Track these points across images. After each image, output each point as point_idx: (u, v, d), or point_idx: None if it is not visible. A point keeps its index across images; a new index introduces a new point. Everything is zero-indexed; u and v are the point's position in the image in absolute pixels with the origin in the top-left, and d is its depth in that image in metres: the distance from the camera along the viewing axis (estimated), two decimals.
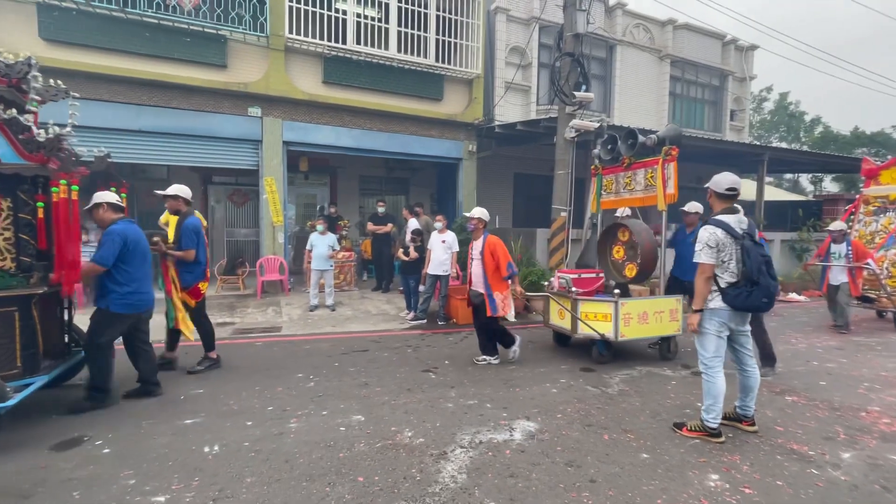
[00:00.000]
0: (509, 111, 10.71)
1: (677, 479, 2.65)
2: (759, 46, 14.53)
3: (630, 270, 5.44)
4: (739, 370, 3.31)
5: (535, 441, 3.08)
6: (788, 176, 27.41)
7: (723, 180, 3.21)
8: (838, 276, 6.60)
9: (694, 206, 5.86)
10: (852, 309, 6.91)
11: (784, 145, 25.73)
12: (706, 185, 3.32)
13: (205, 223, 6.96)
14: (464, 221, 9.19)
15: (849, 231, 7.27)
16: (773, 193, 18.47)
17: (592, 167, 6.09)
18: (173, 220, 6.77)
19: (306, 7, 8.01)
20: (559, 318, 5.18)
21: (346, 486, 2.49)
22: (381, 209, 9.03)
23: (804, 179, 28.19)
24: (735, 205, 3.25)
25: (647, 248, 5.08)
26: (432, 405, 3.66)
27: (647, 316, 4.73)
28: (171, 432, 3.10)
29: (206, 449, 2.88)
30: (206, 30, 7.41)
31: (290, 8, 7.88)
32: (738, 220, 3.12)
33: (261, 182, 8.21)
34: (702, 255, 3.11)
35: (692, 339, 3.51)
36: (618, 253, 5.68)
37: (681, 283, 5.48)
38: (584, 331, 4.76)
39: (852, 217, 8.03)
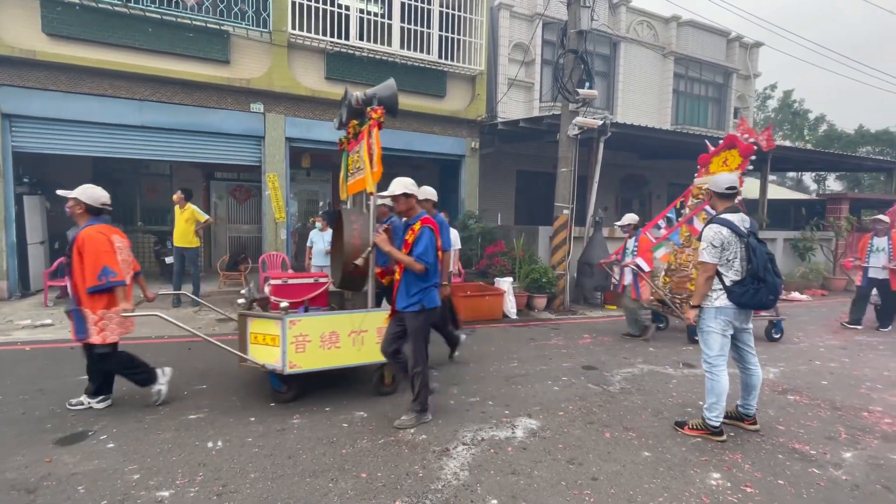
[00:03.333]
0: (512, 108, 10.68)
1: (679, 477, 2.66)
2: (763, 44, 14.45)
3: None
4: (742, 368, 3.31)
5: (536, 438, 3.09)
6: (791, 174, 27.32)
7: (721, 180, 3.22)
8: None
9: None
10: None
11: (788, 143, 25.61)
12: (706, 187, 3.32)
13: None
14: (466, 217, 9.21)
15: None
16: (775, 192, 18.40)
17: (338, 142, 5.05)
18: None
19: (309, 3, 7.98)
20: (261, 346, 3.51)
21: (348, 482, 2.50)
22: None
23: (807, 178, 28.08)
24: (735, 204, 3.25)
25: (356, 245, 3.75)
26: (434, 402, 3.65)
27: (337, 338, 3.53)
28: (174, 427, 3.11)
29: (210, 444, 2.89)
30: (208, 25, 7.40)
31: (293, 3, 7.86)
32: (741, 219, 3.13)
33: (263, 178, 8.21)
34: (705, 254, 3.11)
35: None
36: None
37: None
38: (255, 358, 3.48)
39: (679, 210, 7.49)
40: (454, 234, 6.67)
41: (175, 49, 7.32)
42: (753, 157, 5.73)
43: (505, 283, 7.31)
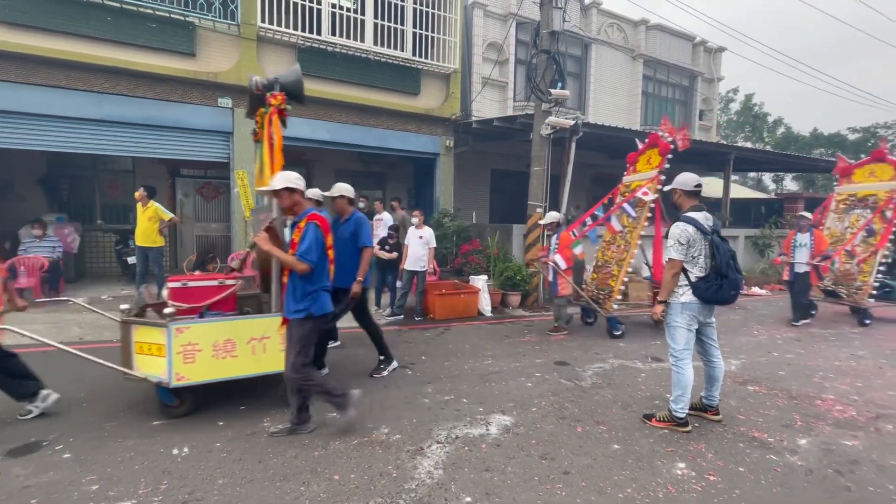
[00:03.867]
0: (486, 107, 10.74)
1: (647, 468, 2.74)
2: (726, 49, 15.02)
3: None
4: (706, 361, 3.44)
5: (510, 435, 3.12)
6: (752, 174, 28.55)
7: (690, 179, 3.33)
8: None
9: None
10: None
11: (749, 145, 26.75)
12: (671, 187, 3.43)
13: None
14: (441, 216, 9.19)
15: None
16: (738, 191, 19.20)
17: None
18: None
19: None
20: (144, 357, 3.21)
21: (321, 485, 2.47)
22: (361, 205, 8.92)
23: (767, 178, 29.40)
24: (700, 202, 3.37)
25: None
26: (409, 401, 3.66)
27: (233, 346, 3.26)
28: (137, 435, 2.99)
29: (175, 451, 2.79)
30: (172, 16, 7.11)
31: None
32: (705, 217, 3.24)
33: (232, 175, 7.96)
34: (671, 251, 3.21)
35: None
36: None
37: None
38: (142, 369, 3.19)
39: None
40: (429, 233, 6.66)
41: (136, 40, 7.01)
42: (670, 156, 5.94)
43: (480, 281, 7.36)
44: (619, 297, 6.15)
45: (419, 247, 6.50)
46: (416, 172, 11.80)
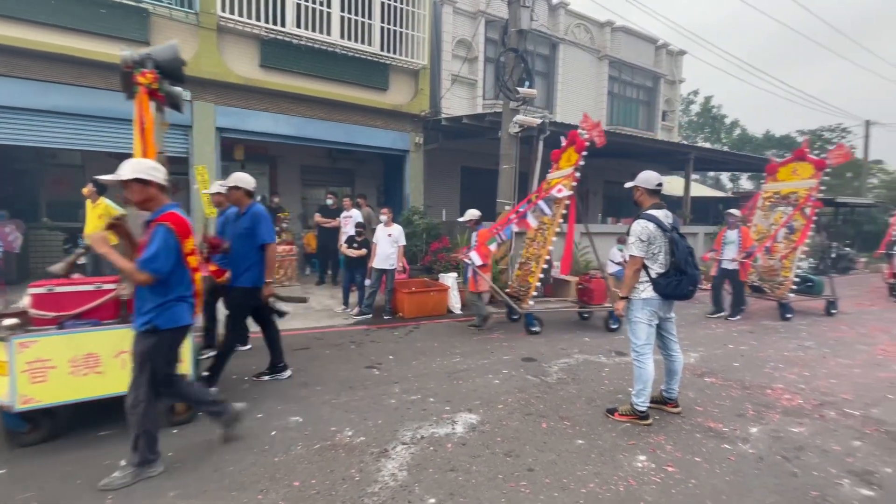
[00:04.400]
0: (456, 104, 10.72)
1: (609, 462, 2.79)
2: (686, 52, 15.56)
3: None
4: (665, 355, 3.54)
5: (476, 433, 3.12)
6: (711, 174, 29.80)
7: (652, 177, 3.40)
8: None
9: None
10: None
11: (708, 145, 27.87)
12: (632, 184, 3.50)
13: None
14: (411, 213, 9.13)
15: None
16: (698, 190, 19.97)
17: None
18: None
19: None
20: None
21: (280, 492, 2.38)
22: (329, 201, 8.74)
23: (724, 177, 30.75)
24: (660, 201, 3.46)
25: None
26: (375, 402, 3.60)
27: (97, 361, 2.86)
28: (80, 446, 2.81)
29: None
30: (124, 1, 6.72)
31: None
32: (665, 215, 3.32)
33: (191, 171, 7.63)
34: (633, 248, 3.28)
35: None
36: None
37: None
38: None
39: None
40: (398, 230, 6.59)
41: (84, 26, 6.59)
42: (585, 153, 6.06)
43: (449, 279, 7.35)
44: (535, 293, 6.15)
45: (388, 245, 6.42)
46: (385, 169, 11.67)
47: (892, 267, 9.23)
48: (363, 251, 6.56)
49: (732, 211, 7.36)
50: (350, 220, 7.42)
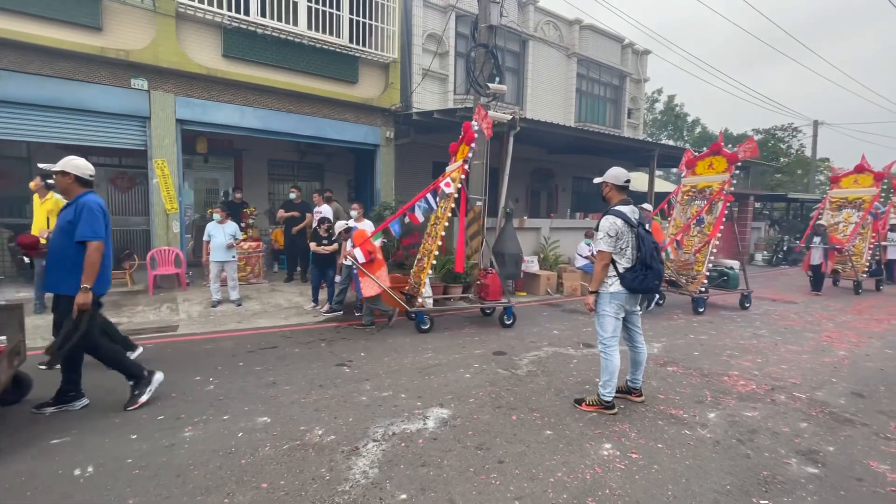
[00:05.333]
0: (427, 98, 10.66)
1: (576, 451, 2.87)
2: (651, 51, 16.01)
3: None
4: (631, 347, 3.65)
5: (447, 428, 3.14)
6: (675, 170, 30.88)
7: (621, 174, 3.50)
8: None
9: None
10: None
11: (671, 142, 28.86)
12: (601, 180, 3.59)
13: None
14: (382, 208, 9.04)
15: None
16: (661, 185, 20.66)
17: None
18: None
19: None
20: None
21: (247, 495, 2.33)
22: (293, 195, 8.55)
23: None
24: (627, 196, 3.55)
25: None
26: (345, 400, 3.56)
27: None
28: (31, 457, 2.65)
29: (77, 471, 2.51)
30: None
31: None
32: (631, 210, 3.42)
33: (150, 164, 7.30)
34: (601, 243, 3.36)
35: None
36: None
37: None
38: None
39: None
40: (369, 226, 6.52)
41: (28, 8, 6.17)
42: (473, 146, 5.87)
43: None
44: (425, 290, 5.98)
45: None
46: (355, 164, 11.51)
47: (810, 259, 9.59)
48: (334, 246, 6.46)
49: (643, 206, 7.00)
50: (319, 215, 7.28)
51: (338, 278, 6.58)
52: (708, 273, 7.42)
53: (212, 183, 10.84)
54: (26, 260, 6.98)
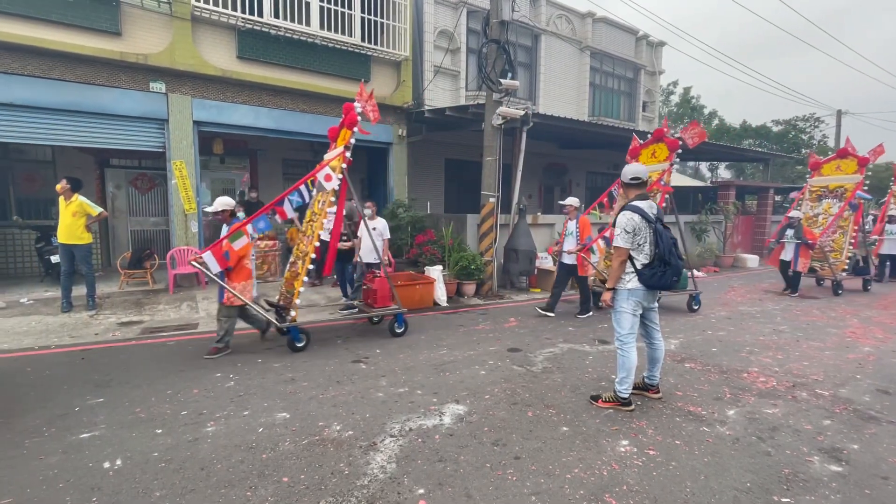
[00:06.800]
0: (439, 96, 10.66)
1: (593, 448, 2.86)
2: (666, 43, 15.72)
3: None
4: (648, 343, 3.62)
5: (463, 424, 3.16)
6: (691, 163, 30.33)
7: (627, 171, 3.47)
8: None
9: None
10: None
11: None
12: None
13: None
14: (395, 206, 9.08)
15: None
16: (677, 179, 20.33)
17: None
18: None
19: None
20: None
21: (268, 489, 2.39)
22: None
23: (703, 167, 31.35)
24: (645, 192, 3.51)
25: None
26: (362, 396, 3.61)
27: None
28: (61, 450, 2.76)
29: (107, 464, 2.60)
30: None
31: None
32: (649, 206, 3.38)
33: (169, 166, 7.46)
34: (619, 240, 3.33)
35: None
36: None
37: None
38: None
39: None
40: (382, 224, 6.56)
41: (51, 15, 6.33)
42: (356, 129, 5.01)
43: (435, 272, 7.36)
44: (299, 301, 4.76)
45: (373, 238, 6.38)
46: (368, 162, 11.56)
47: (779, 254, 8.62)
48: (350, 243, 6.54)
49: (570, 200, 6.59)
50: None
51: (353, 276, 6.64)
52: None
53: (228, 183, 11.02)
54: (53, 260, 7.22)
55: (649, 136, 7.31)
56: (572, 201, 6.58)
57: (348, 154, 4.95)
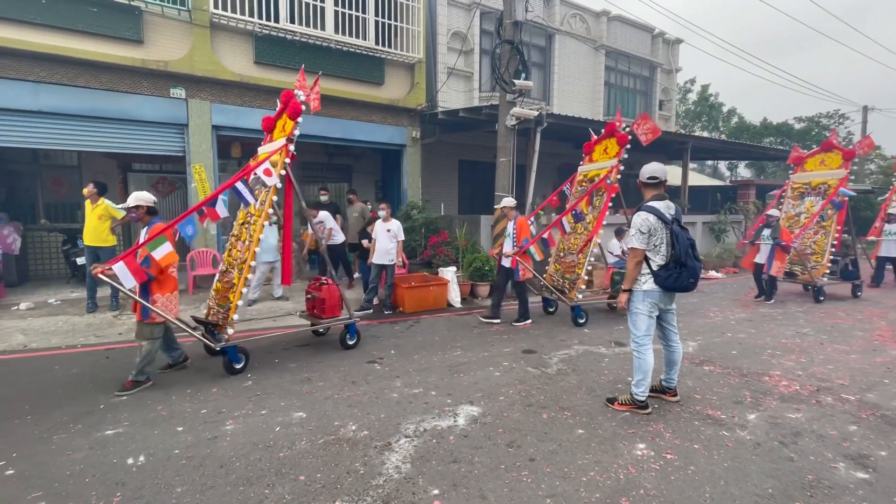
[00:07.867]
0: (452, 97, 10.68)
1: (609, 451, 2.83)
2: (683, 40, 15.48)
3: None
4: (665, 346, 3.57)
5: (478, 425, 3.16)
6: (709, 162, 29.77)
7: (644, 170, 3.41)
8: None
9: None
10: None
11: (705, 134, 27.81)
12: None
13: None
14: (409, 207, 9.13)
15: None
16: (695, 179, 19.98)
17: None
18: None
19: None
20: None
21: (286, 487, 2.42)
22: (323, 198, 8.73)
23: (722, 166, 30.71)
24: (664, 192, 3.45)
25: None
26: (377, 396, 3.64)
27: None
28: (88, 446, 2.84)
29: (130, 460, 2.67)
30: (116, 0, 6.68)
31: None
32: (666, 206, 3.31)
33: (188, 169, 7.63)
34: (633, 241, 3.29)
35: None
36: None
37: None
38: None
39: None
40: (396, 225, 6.60)
41: (76, 25, 6.54)
42: (300, 120, 4.50)
43: (449, 273, 7.37)
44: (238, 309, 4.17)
45: (387, 240, 6.43)
46: (383, 164, 11.65)
47: (753, 256, 7.89)
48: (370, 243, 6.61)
49: (507, 201, 6.26)
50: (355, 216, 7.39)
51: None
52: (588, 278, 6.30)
53: None
54: (78, 262, 7.45)
55: (602, 130, 6.85)
56: (508, 202, 6.21)
57: (292, 147, 4.45)
